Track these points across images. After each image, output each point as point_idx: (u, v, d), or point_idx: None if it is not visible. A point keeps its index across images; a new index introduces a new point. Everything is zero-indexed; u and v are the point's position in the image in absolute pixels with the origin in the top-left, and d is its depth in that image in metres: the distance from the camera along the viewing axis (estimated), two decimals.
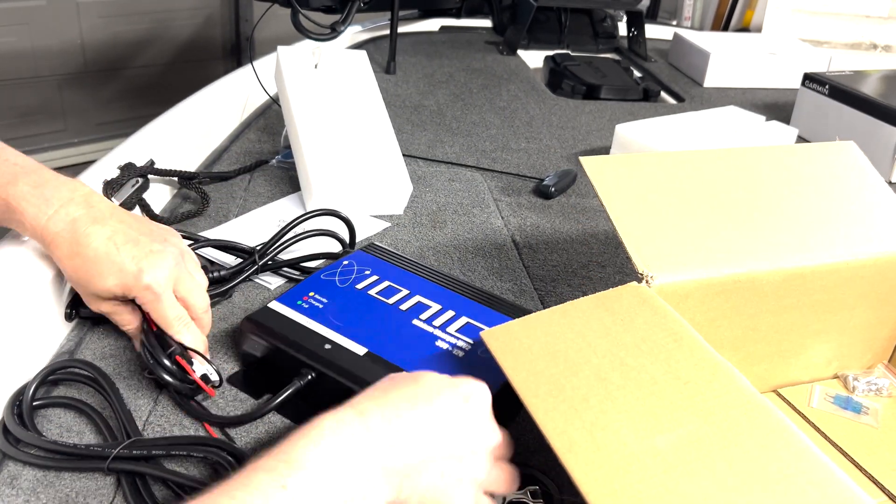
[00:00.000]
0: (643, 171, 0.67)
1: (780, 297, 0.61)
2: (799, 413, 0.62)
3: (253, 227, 0.87)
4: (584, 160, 0.67)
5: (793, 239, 0.63)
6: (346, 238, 0.79)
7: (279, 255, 0.76)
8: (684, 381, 0.47)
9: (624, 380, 0.48)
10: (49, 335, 0.65)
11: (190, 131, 1.07)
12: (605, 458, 0.42)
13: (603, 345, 0.51)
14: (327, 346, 0.60)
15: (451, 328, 0.62)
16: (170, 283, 0.60)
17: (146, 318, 0.62)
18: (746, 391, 0.46)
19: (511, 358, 0.51)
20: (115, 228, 0.59)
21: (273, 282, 0.76)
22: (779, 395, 0.64)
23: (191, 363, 0.59)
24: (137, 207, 0.84)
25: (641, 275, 0.58)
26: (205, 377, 0.60)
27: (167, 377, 0.58)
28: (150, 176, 0.87)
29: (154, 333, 0.60)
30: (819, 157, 0.72)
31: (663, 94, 1.59)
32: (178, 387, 0.59)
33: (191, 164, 1.02)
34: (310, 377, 0.59)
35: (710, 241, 0.61)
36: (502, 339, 0.53)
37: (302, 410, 0.60)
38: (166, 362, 0.58)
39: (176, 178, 0.93)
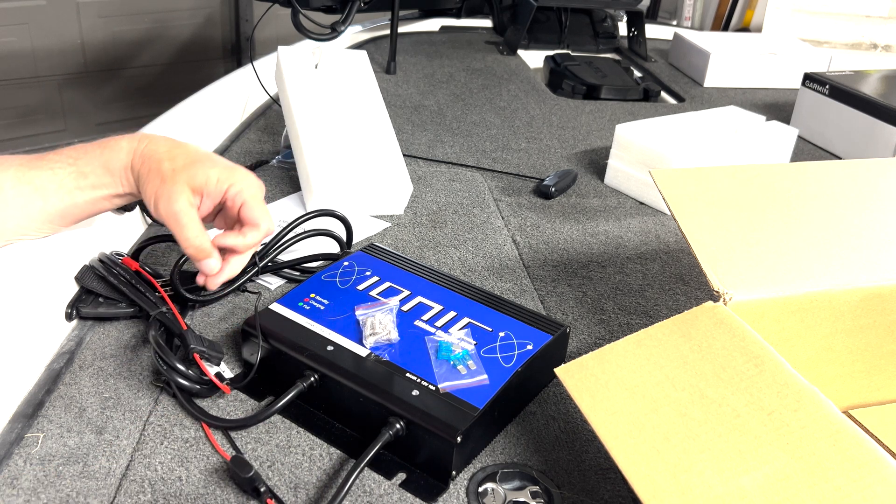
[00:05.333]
0: (714, 184, 0.65)
1: (856, 317, 0.59)
2: (872, 436, 0.60)
3: None
4: (654, 173, 0.66)
5: (870, 257, 0.61)
6: (345, 238, 0.79)
7: (279, 257, 0.76)
8: (768, 411, 0.46)
9: (705, 414, 0.46)
10: (49, 335, 0.65)
11: (190, 131, 1.07)
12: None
13: (681, 376, 0.49)
14: (329, 348, 0.60)
15: (454, 329, 0.62)
16: None
17: (155, 324, 0.62)
18: (834, 418, 0.44)
19: (588, 397, 0.50)
20: None
21: (273, 283, 0.76)
22: (850, 416, 0.60)
23: (217, 361, 0.60)
24: (138, 208, 0.84)
25: (718, 293, 0.56)
26: (219, 375, 0.60)
27: (183, 381, 0.58)
28: None
29: (167, 337, 0.61)
30: None
31: (663, 94, 1.59)
32: (194, 389, 0.59)
33: None
34: (312, 379, 0.59)
35: (785, 258, 0.60)
36: (577, 376, 0.52)
37: (305, 412, 0.60)
38: (180, 366, 0.58)
39: None
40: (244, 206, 0.63)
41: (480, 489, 0.54)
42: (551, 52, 1.68)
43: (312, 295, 0.66)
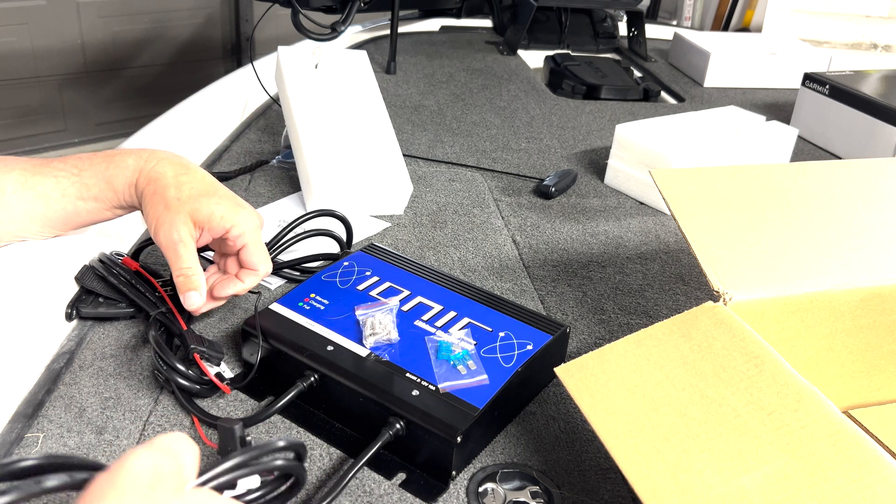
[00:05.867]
0: (714, 184, 0.65)
1: (856, 317, 0.59)
2: (872, 436, 0.59)
3: None
4: (654, 173, 0.66)
5: (870, 257, 0.61)
6: (345, 238, 0.79)
7: (279, 256, 0.76)
8: (768, 411, 0.46)
9: (705, 414, 0.46)
10: (49, 335, 0.65)
11: (190, 131, 1.07)
12: (690, 503, 0.41)
13: (681, 376, 0.49)
14: (329, 348, 0.60)
15: (454, 329, 0.62)
16: None
17: (155, 324, 0.62)
18: (834, 418, 0.44)
19: (588, 396, 0.49)
20: None
21: (273, 283, 0.76)
22: (850, 416, 0.60)
23: (217, 361, 0.60)
24: None
25: (718, 293, 0.56)
26: (219, 375, 0.60)
27: (183, 381, 0.58)
28: None
29: (167, 337, 0.61)
30: None
31: (663, 94, 1.59)
32: (194, 389, 0.59)
33: None
34: (312, 379, 0.59)
35: (785, 258, 0.59)
36: (577, 376, 0.52)
37: (305, 412, 0.60)
38: (180, 366, 0.58)
39: None
40: (245, 249, 0.64)
41: (480, 489, 0.54)
42: (551, 52, 1.68)
43: (312, 295, 0.66)
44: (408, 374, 0.57)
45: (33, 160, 0.66)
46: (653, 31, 1.93)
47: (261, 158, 1.05)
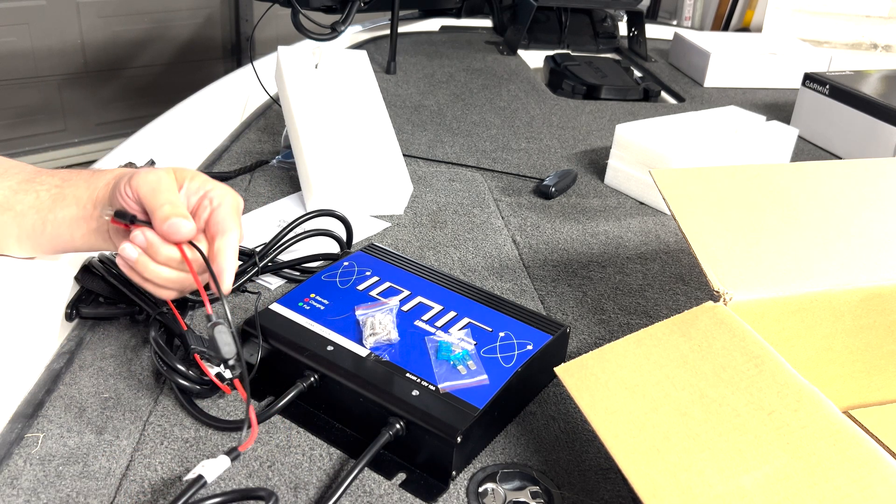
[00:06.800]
0: (714, 184, 0.65)
1: (856, 317, 0.59)
2: (872, 436, 0.59)
3: (253, 227, 0.87)
4: (654, 173, 0.66)
5: (870, 257, 0.61)
6: (345, 238, 0.79)
7: (279, 257, 0.76)
8: (768, 411, 0.46)
9: (705, 414, 0.46)
10: (49, 335, 0.65)
11: (190, 131, 1.07)
12: (690, 503, 0.41)
13: (681, 375, 0.49)
14: (329, 348, 0.60)
15: (454, 329, 0.62)
16: None
17: (155, 324, 0.62)
18: (834, 418, 0.44)
19: (588, 395, 0.50)
20: None
21: (273, 283, 0.76)
22: (850, 416, 0.60)
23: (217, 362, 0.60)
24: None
25: (718, 293, 0.56)
26: (219, 375, 0.60)
27: (184, 382, 0.58)
28: None
29: (167, 338, 0.61)
30: None
31: (663, 94, 1.59)
32: (194, 390, 0.59)
33: (191, 164, 1.02)
34: (312, 379, 0.59)
35: (785, 258, 0.60)
36: (577, 376, 0.52)
37: (305, 412, 0.60)
38: (180, 367, 0.58)
39: None
40: (218, 209, 0.57)
41: (480, 489, 0.54)
42: (551, 52, 1.68)
43: (312, 295, 0.66)
44: (408, 374, 0.57)
45: (27, 172, 0.61)
46: (653, 31, 1.93)
47: (261, 158, 1.05)
